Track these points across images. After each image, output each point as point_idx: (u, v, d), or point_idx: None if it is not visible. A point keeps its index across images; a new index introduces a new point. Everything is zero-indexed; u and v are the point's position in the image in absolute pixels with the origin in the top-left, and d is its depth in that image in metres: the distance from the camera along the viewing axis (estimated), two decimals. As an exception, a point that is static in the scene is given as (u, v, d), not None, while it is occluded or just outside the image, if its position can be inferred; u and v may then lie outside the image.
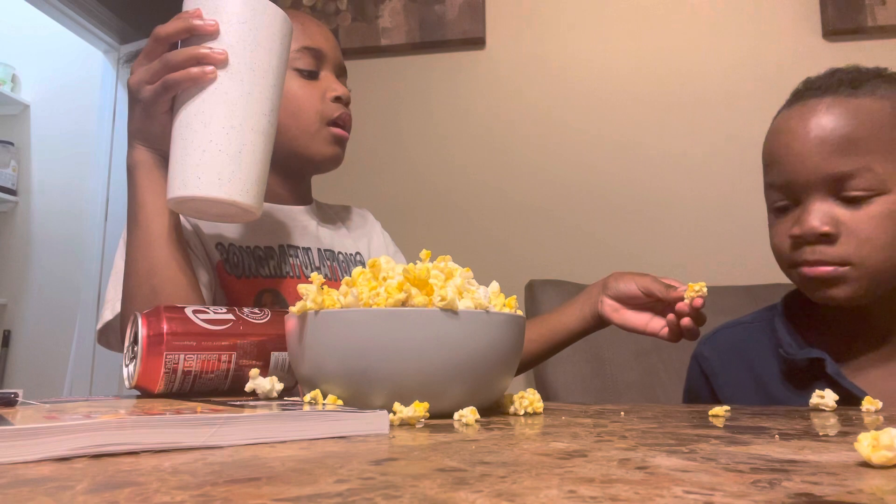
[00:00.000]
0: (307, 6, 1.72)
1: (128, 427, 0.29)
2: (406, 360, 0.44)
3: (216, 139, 0.55)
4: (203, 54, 0.55)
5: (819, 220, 0.64)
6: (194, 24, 0.56)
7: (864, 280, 0.64)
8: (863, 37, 1.50)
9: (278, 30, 0.59)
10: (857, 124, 0.64)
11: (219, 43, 0.56)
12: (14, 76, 2.96)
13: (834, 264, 0.64)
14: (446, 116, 1.67)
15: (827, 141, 0.64)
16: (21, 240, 2.84)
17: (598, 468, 0.25)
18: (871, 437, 0.26)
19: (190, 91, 0.56)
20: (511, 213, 1.60)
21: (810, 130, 0.66)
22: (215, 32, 0.56)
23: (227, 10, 0.57)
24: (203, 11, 0.57)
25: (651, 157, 1.56)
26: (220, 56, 0.55)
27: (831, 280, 0.64)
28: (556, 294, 1.34)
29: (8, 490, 0.21)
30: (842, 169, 0.63)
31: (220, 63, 0.55)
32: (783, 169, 0.68)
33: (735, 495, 0.20)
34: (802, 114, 0.67)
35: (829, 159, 0.64)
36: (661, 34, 1.60)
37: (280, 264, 0.81)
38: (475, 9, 1.64)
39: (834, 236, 0.64)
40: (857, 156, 0.63)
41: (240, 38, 0.56)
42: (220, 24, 0.56)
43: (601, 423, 0.42)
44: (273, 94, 0.58)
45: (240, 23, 0.57)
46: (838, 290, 0.65)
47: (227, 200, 0.55)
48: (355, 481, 0.23)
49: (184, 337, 0.52)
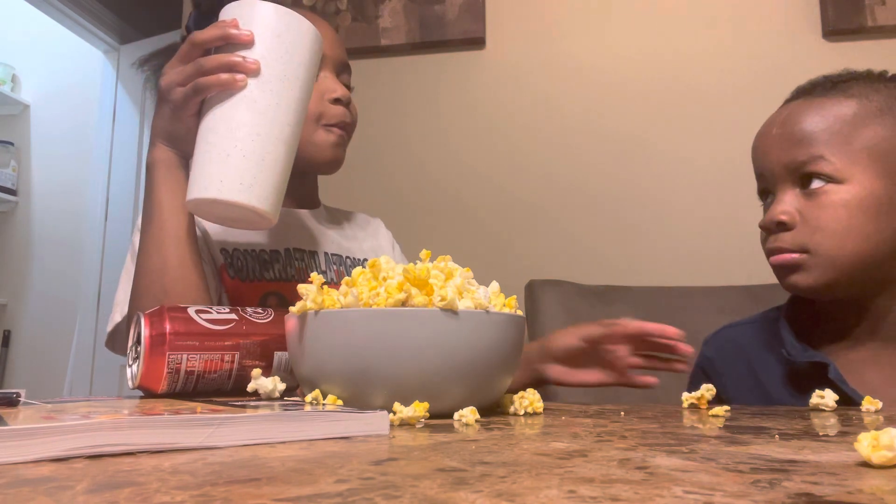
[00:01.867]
0: (307, 6, 1.72)
1: (124, 427, 0.29)
2: (406, 360, 0.44)
3: (241, 145, 0.56)
4: (235, 62, 0.57)
5: (780, 209, 0.68)
6: (230, 33, 0.57)
7: (823, 268, 0.67)
8: (863, 37, 1.50)
9: (309, 45, 0.60)
10: (816, 119, 0.69)
11: (252, 53, 0.58)
12: (14, 76, 2.96)
13: (792, 252, 0.68)
14: (446, 116, 1.67)
15: (785, 134, 0.70)
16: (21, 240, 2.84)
17: (598, 468, 0.25)
18: (870, 437, 0.26)
19: (220, 96, 0.57)
20: (511, 213, 1.60)
21: (773, 127, 0.72)
22: (250, 42, 0.57)
23: (262, 22, 0.58)
24: (239, 22, 0.58)
25: (651, 157, 1.56)
26: (253, 66, 0.57)
27: (791, 267, 0.68)
28: (556, 294, 1.34)
29: (8, 490, 0.21)
30: (797, 158, 0.68)
31: (252, 72, 0.57)
32: (757, 164, 0.75)
33: (735, 495, 0.20)
34: (774, 115, 0.74)
35: (787, 150, 0.69)
36: (661, 34, 1.60)
37: (285, 267, 0.80)
38: (475, 9, 1.64)
39: (790, 225, 0.68)
40: (811, 146, 0.68)
41: (272, 50, 0.58)
42: (254, 35, 0.58)
43: (601, 423, 0.42)
44: (299, 106, 0.60)
45: (273, 36, 0.58)
46: (799, 276, 0.68)
47: (247, 206, 0.56)
48: (355, 481, 0.23)
49: (187, 337, 0.52)
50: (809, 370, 0.69)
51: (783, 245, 0.68)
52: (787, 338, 0.73)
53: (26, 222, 2.85)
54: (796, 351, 0.71)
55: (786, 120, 0.71)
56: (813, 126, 0.68)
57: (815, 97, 0.71)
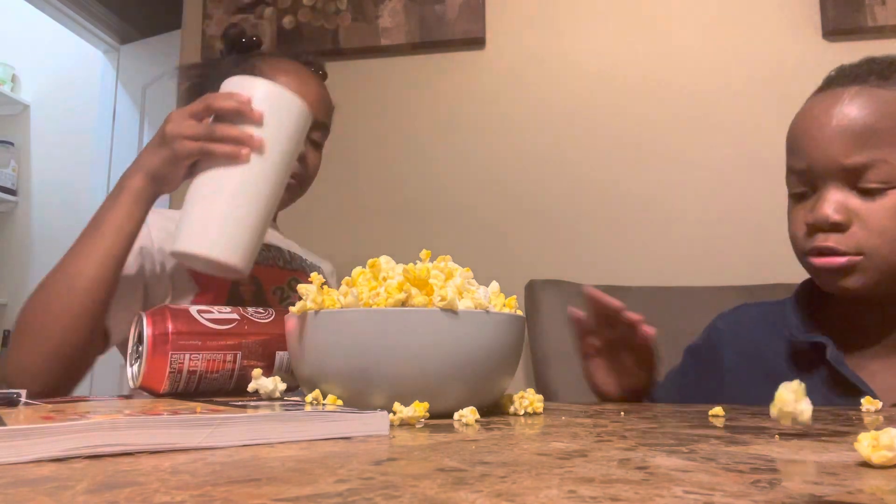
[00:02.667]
0: (307, 6, 1.72)
1: (122, 428, 0.29)
2: (406, 360, 0.44)
3: (228, 209, 0.61)
4: (245, 137, 0.62)
5: (832, 208, 0.64)
6: (245, 110, 0.62)
7: (875, 271, 0.64)
8: (863, 37, 1.50)
9: (299, 122, 0.66)
10: (878, 116, 0.64)
11: (257, 130, 0.63)
12: (14, 76, 2.96)
13: (845, 254, 0.64)
14: (446, 116, 1.67)
15: (847, 131, 0.64)
16: (21, 240, 2.84)
17: (598, 468, 0.25)
18: (870, 437, 0.26)
19: (217, 160, 0.62)
20: (511, 213, 1.60)
21: (832, 118, 0.65)
22: (259, 121, 0.63)
23: (264, 100, 0.64)
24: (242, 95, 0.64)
25: (651, 157, 1.56)
26: (258, 144, 0.62)
27: (843, 270, 0.65)
28: (556, 294, 1.34)
29: (8, 490, 0.21)
30: (859, 160, 0.63)
31: (256, 150, 0.62)
32: (803, 155, 0.68)
33: (735, 495, 0.20)
34: (827, 101, 0.67)
35: (847, 150, 0.64)
36: (661, 34, 1.60)
37: None
38: (475, 9, 1.64)
39: (845, 226, 0.64)
40: (875, 148, 0.63)
41: (270, 126, 0.63)
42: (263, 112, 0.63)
43: (601, 423, 0.42)
44: (284, 177, 0.65)
45: (271, 113, 0.64)
46: (849, 280, 0.65)
47: (230, 265, 0.60)
48: (355, 481, 0.23)
49: (189, 336, 0.52)
50: (810, 351, 0.69)
51: (835, 246, 0.64)
52: (792, 319, 0.73)
53: (26, 222, 2.85)
54: (798, 331, 0.71)
55: (846, 113, 0.65)
56: (876, 125, 0.64)
57: (868, 86, 0.66)
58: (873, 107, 0.64)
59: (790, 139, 0.71)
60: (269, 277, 0.85)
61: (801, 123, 0.70)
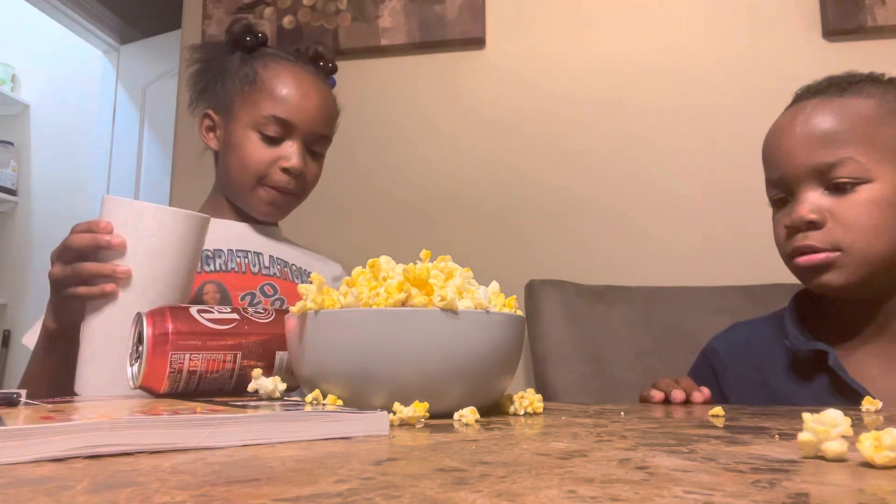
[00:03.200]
0: (307, 6, 1.72)
1: (122, 428, 0.29)
2: (406, 360, 0.44)
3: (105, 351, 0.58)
4: (109, 272, 0.59)
5: (807, 208, 0.68)
6: (101, 242, 0.59)
7: (855, 265, 0.67)
8: (863, 37, 1.50)
9: (188, 235, 0.62)
10: (839, 119, 0.69)
11: (125, 259, 0.59)
12: (14, 76, 2.96)
13: (824, 251, 0.67)
14: (446, 116, 1.67)
15: (811, 136, 0.69)
16: (21, 240, 2.84)
17: (598, 468, 0.25)
18: (872, 438, 0.26)
19: (96, 302, 0.60)
20: (511, 213, 1.60)
21: (796, 126, 0.71)
22: (122, 249, 0.59)
23: (137, 223, 0.60)
24: (115, 223, 0.60)
25: (651, 157, 1.56)
26: (123, 275, 0.59)
27: (823, 266, 0.68)
28: (556, 294, 1.34)
29: (8, 490, 0.21)
30: (825, 160, 0.68)
31: (123, 281, 0.59)
32: (775, 165, 0.73)
33: (735, 495, 0.20)
34: (793, 114, 0.73)
35: (814, 152, 0.68)
36: (661, 34, 1.60)
37: (227, 262, 0.85)
38: (475, 9, 1.64)
39: (820, 223, 0.68)
40: (839, 147, 0.67)
41: (146, 250, 0.60)
42: (128, 238, 0.60)
43: (601, 423, 0.42)
44: (175, 295, 0.61)
45: (148, 236, 0.60)
46: (831, 275, 0.68)
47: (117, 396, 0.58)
48: (355, 481, 0.23)
49: (189, 336, 0.52)
50: (811, 359, 0.71)
51: (814, 244, 0.68)
52: (790, 329, 0.74)
53: (26, 222, 2.85)
54: (798, 340, 0.72)
55: (808, 120, 0.70)
56: (839, 126, 0.68)
57: (833, 97, 0.70)
58: (833, 113, 0.69)
59: (764, 153, 0.76)
60: (237, 283, 0.84)
61: (770, 137, 0.75)
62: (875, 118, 0.68)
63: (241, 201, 0.89)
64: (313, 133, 0.88)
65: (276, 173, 0.86)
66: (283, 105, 0.85)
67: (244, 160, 0.86)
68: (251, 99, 0.87)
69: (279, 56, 0.90)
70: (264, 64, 0.88)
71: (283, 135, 0.86)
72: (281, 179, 0.86)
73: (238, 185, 0.87)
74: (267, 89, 0.86)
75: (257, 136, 0.85)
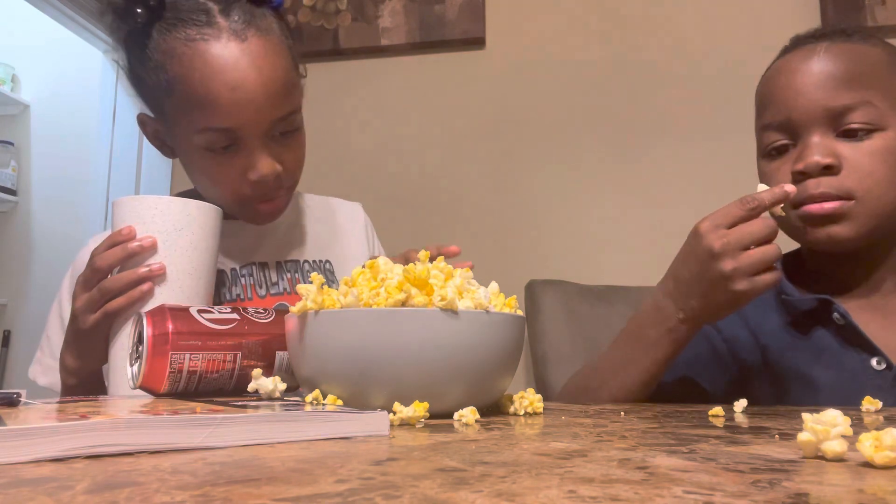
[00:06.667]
0: (307, 6, 1.72)
1: (122, 428, 0.29)
2: (406, 360, 0.44)
3: None
4: (142, 275, 0.56)
5: (821, 153, 0.64)
6: (132, 249, 0.56)
7: (866, 216, 0.64)
8: (863, 37, 1.50)
9: (212, 226, 0.62)
10: (857, 62, 0.65)
11: (156, 256, 0.58)
12: (14, 76, 2.96)
13: (838, 198, 0.64)
14: (446, 116, 1.67)
15: (830, 75, 0.65)
16: (21, 240, 2.84)
17: (598, 468, 0.25)
18: (872, 438, 0.26)
19: (127, 314, 0.57)
20: (511, 213, 1.60)
21: (812, 66, 0.66)
22: (153, 248, 0.57)
23: (162, 220, 0.59)
24: (138, 225, 0.58)
25: (650, 157, 1.56)
26: (159, 271, 0.56)
27: (835, 216, 0.64)
28: (556, 294, 1.34)
29: (8, 490, 0.21)
30: (844, 102, 0.64)
31: (159, 277, 0.57)
32: (783, 106, 0.68)
33: (735, 495, 0.20)
34: (802, 55, 0.68)
35: (832, 93, 0.65)
36: (661, 34, 1.60)
37: (231, 289, 0.78)
38: (475, 9, 1.64)
39: (837, 168, 0.64)
40: (858, 90, 0.64)
41: (177, 245, 0.59)
42: (157, 234, 0.57)
43: (601, 423, 0.42)
44: (207, 285, 0.61)
45: (176, 230, 0.59)
46: (840, 227, 0.64)
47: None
48: (355, 481, 0.23)
49: (189, 336, 0.52)
50: (811, 313, 0.68)
51: (827, 191, 0.64)
52: (786, 285, 0.71)
53: (26, 222, 2.85)
54: (798, 294, 0.70)
55: (825, 60, 0.66)
56: (859, 68, 0.64)
57: (837, 41, 0.67)
58: (849, 55, 0.66)
59: (763, 97, 0.72)
60: None
61: (777, 78, 0.70)
62: (889, 65, 0.66)
63: (233, 214, 0.77)
64: (268, 122, 0.69)
65: (251, 186, 0.71)
66: (213, 111, 0.66)
67: (208, 183, 0.73)
68: (176, 106, 0.69)
69: (184, 32, 0.67)
70: (170, 53, 0.67)
71: (234, 140, 0.69)
72: (259, 191, 0.72)
73: (220, 204, 0.68)
74: (186, 94, 0.67)
75: (203, 153, 0.70)
